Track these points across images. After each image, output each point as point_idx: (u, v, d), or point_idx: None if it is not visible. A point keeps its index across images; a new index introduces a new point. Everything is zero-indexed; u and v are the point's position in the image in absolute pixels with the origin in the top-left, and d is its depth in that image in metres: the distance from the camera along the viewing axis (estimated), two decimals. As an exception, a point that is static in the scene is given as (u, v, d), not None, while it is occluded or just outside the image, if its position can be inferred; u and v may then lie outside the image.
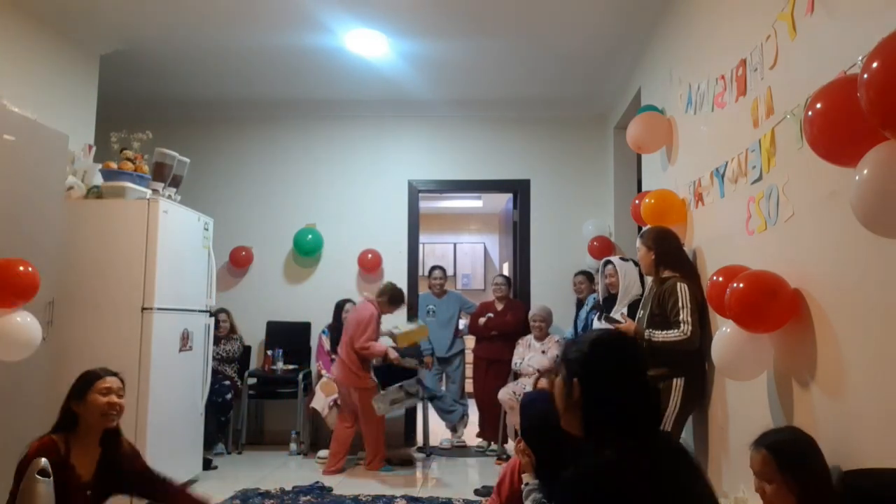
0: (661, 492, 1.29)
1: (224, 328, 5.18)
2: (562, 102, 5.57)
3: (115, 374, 2.35)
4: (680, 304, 2.80)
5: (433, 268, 5.77)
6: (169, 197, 4.00)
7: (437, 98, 5.53)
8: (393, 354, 4.68)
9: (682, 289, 2.84)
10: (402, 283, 5.66)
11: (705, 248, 3.03)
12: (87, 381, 2.28)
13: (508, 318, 5.30)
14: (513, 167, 5.74)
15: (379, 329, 4.65)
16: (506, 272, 8.32)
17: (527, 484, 2.12)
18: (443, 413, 5.29)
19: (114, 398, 2.28)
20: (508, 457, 4.75)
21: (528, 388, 4.71)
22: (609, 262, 3.91)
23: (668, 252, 3.04)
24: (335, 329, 5.28)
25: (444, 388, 5.43)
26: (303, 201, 5.75)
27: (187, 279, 4.06)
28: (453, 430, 5.39)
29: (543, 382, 3.48)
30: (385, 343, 4.73)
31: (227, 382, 4.81)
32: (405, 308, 5.14)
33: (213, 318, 4.48)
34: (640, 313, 3.11)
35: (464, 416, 5.36)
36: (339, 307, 5.30)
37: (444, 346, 5.49)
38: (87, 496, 2.25)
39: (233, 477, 4.29)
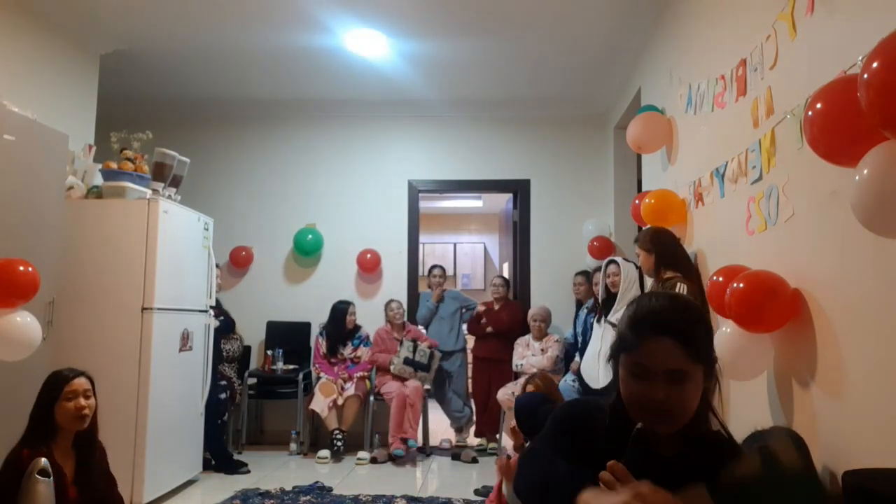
0: None
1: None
2: (562, 102, 5.57)
3: (81, 374, 2.33)
4: None
5: (433, 266, 5.75)
6: (169, 197, 3.99)
7: (437, 98, 5.53)
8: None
9: (682, 289, 2.85)
10: (402, 283, 5.70)
11: (705, 248, 3.03)
12: (56, 385, 2.27)
13: (504, 316, 5.30)
14: (513, 167, 5.74)
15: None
16: (506, 272, 8.32)
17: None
18: (452, 413, 5.31)
19: (81, 401, 2.26)
20: (508, 457, 4.74)
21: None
22: (613, 261, 3.92)
23: (666, 252, 3.06)
24: (333, 333, 5.27)
25: (448, 386, 5.39)
26: (303, 201, 5.75)
27: (187, 279, 4.06)
28: (458, 430, 5.36)
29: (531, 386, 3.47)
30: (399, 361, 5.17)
31: (224, 382, 4.77)
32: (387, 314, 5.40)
33: (217, 318, 4.46)
34: None
35: (470, 419, 5.36)
36: (338, 311, 5.27)
37: (444, 342, 5.46)
38: (77, 499, 2.25)
39: (233, 477, 4.29)
